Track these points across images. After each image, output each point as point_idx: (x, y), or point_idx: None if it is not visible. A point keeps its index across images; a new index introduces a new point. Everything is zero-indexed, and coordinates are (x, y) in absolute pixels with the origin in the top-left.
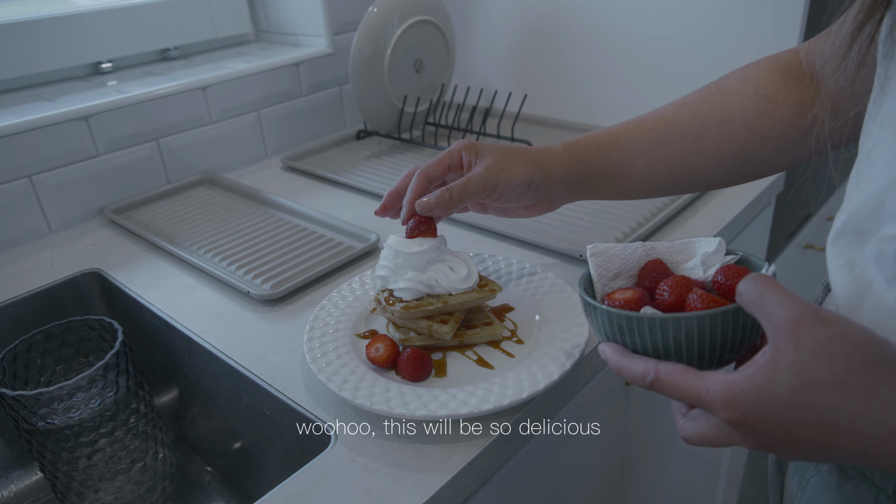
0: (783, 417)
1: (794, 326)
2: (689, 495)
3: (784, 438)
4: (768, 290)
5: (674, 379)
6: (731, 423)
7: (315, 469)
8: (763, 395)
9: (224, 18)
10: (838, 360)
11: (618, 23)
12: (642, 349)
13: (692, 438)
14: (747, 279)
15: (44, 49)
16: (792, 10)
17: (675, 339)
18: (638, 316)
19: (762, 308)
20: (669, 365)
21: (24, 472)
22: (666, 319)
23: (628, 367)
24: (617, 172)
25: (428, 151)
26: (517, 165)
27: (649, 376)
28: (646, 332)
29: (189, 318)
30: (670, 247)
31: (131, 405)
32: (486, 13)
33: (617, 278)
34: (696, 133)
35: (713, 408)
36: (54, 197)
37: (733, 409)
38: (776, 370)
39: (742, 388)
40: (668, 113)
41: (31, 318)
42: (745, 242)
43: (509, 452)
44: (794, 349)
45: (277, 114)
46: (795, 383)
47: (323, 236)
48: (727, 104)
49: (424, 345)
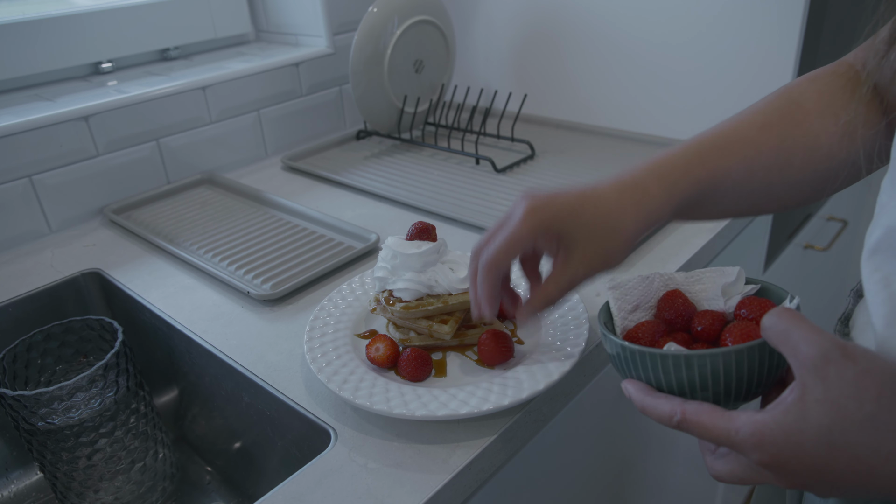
0: (815, 457)
1: (821, 363)
2: (689, 495)
3: (818, 478)
4: (793, 325)
5: (701, 419)
6: (763, 464)
7: (315, 469)
8: (793, 435)
9: (224, 18)
10: (867, 396)
11: (618, 23)
12: (667, 387)
13: (723, 477)
14: (772, 313)
15: (44, 49)
16: (792, 11)
17: (700, 376)
18: (662, 353)
19: (787, 343)
20: (696, 404)
21: (24, 472)
22: (691, 356)
23: (653, 406)
24: (705, 206)
25: (428, 151)
26: (618, 247)
27: (675, 416)
28: (670, 369)
29: (189, 318)
30: (688, 277)
31: (131, 405)
32: (486, 13)
33: (636, 311)
34: (784, 161)
35: (744, 449)
36: (54, 197)
37: (764, 450)
38: (805, 409)
39: (772, 430)
40: (755, 135)
41: (31, 318)
42: (745, 242)
43: (509, 452)
44: (822, 387)
45: (277, 114)
46: (826, 422)
47: (323, 236)
48: (812, 128)
49: (424, 345)
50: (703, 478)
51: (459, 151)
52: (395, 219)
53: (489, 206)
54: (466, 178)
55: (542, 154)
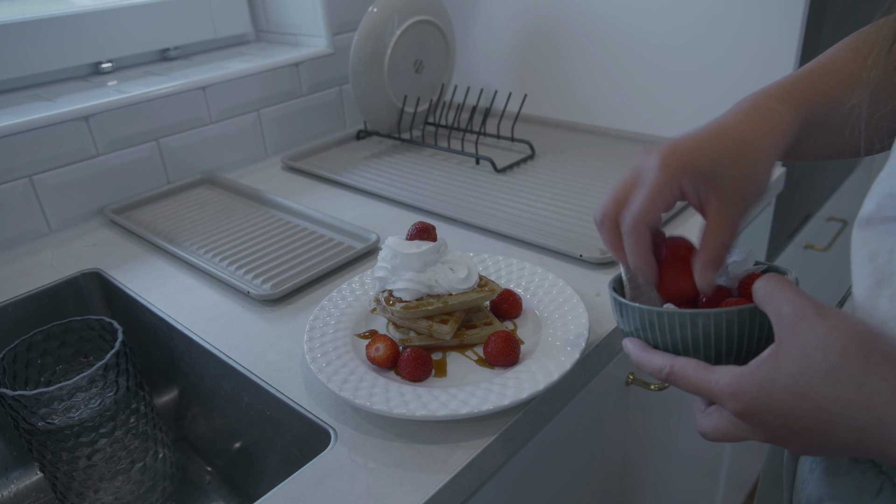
0: (782, 406)
1: (797, 319)
2: (690, 495)
3: (786, 427)
4: (778, 288)
5: (686, 372)
6: (738, 413)
7: (315, 469)
8: (765, 385)
9: (224, 18)
10: (833, 349)
11: (617, 23)
12: (662, 345)
13: (708, 433)
14: (762, 278)
15: (44, 49)
16: (792, 11)
17: (692, 336)
18: (659, 311)
19: (771, 303)
20: (684, 359)
21: (24, 472)
22: (684, 314)
23: (647, 360)
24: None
25: (428, 151)
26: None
27: (665, 369)
28: (665, 328)
29: (189, 318)
30: None
31: (131, 405)
32: (486, 13)
33: None
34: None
35: (722, 399)
36: (54, 197)
37: (738, 400)
38: (778, 361)
39: (747, 379)
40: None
41: (31, 318)
42: (746, 242)
43: (509, 452)
44: (795, 340)
45: (277, 114)
46: (794, 372)
47: (323, 236)
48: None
49: (424, 345)
50: (703, 478)
51: (459, 151)
52: (395, 219)
53: (489, 206)
54: (466, 178)
55: (542, 154)
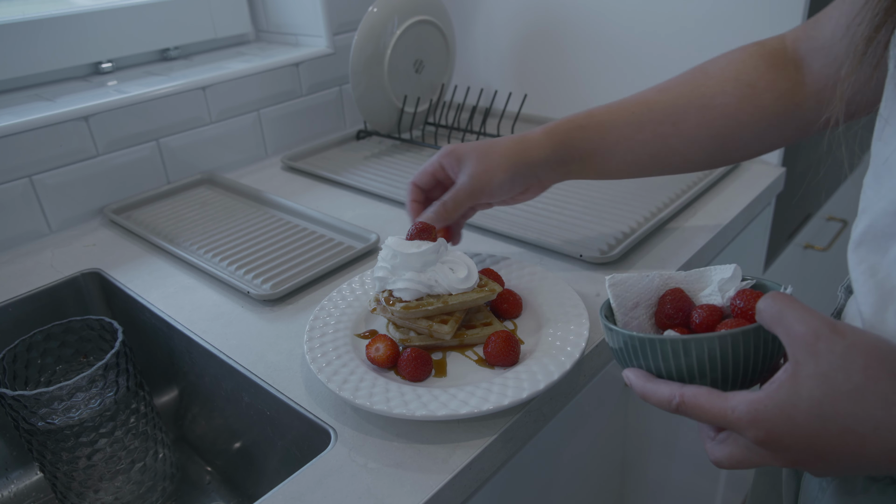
0: (807, 430)
1: (812, 340)
2: (690, 495)
3: (811, 452)
4: (787, 306)
5: (699, 401)
6: (759, 441)
7: (315, 469)
8: (786, 409)
9: (224, 18)
10: (855, 368)
11: (618, 23)
12: (666, 373)
13: (723, 461)
14: (766, 297)
15: (44, 49)
16: (792, 12)
17: (698, 361)
18: (661, 339)
19: (781, 323)
20: (694, 388)
21: (24, 472)
22: (689, 341)
23: (653, 391)
24: (599, 154)
25: (428, 151)
26: (497, 164)
27: (674, 400)
28: (669, 355)
29: (189, 318)
30: (687, 276)
31: (131, 405)
32: (486, 13)
33: (636, 307)
34: (676, 117)
35: (740, 427)
36: (54, 197)
37: (759, 427)
38: (797, 384)
39: (766, 405)
40: (651, 96)
41: (31, 318)
42: (745, 242)
43: (509, 452)
44: (813, 362)
45: (277, 114)
46: (817, 395)
47: (323, 236)
48: (709, 89)
49: (424, 345)
50: (703, 478)
51: None
52: (395, 219)
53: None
54: None
55: None
